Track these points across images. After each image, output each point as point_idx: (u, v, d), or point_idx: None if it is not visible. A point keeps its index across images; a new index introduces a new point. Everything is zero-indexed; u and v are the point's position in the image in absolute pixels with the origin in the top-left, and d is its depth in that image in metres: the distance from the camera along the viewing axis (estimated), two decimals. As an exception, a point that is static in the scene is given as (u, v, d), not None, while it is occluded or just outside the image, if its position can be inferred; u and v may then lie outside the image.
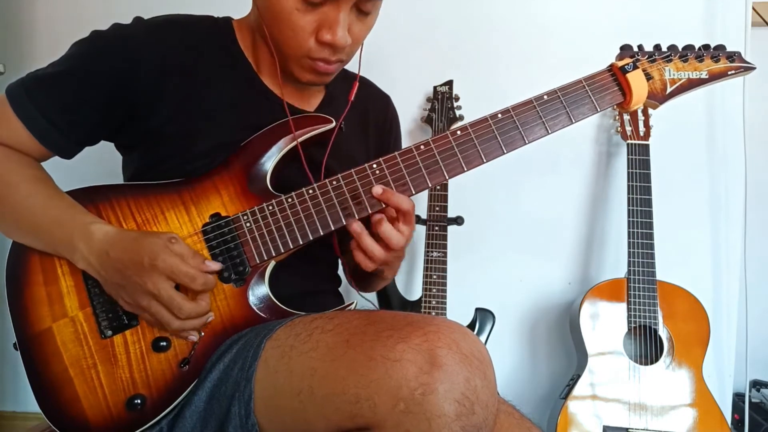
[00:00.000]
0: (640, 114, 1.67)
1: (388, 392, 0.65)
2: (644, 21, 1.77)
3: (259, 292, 0.92)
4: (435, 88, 1.72)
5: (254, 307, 0.90)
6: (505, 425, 0.88)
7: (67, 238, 0.85)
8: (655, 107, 1.00)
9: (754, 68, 1.00)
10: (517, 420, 0.91)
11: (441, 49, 1.83)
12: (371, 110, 1.20)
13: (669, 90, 0.99)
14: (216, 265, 0.86)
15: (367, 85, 1.22)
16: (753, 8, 1.75)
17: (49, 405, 0.85)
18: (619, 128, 1.67)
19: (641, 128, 1.65)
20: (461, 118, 1.68)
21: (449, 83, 1.71)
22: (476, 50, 1.82)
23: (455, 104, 1.69)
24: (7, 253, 0.92)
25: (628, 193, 1.60)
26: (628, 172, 1.62)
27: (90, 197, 0.92)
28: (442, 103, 1.69)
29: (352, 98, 1.07)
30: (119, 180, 1.06)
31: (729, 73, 0.99)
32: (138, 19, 0.99)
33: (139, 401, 0.84)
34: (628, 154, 1.63)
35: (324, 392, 0.71)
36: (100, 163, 1.18)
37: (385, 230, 0.91)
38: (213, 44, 1.01)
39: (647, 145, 1.63)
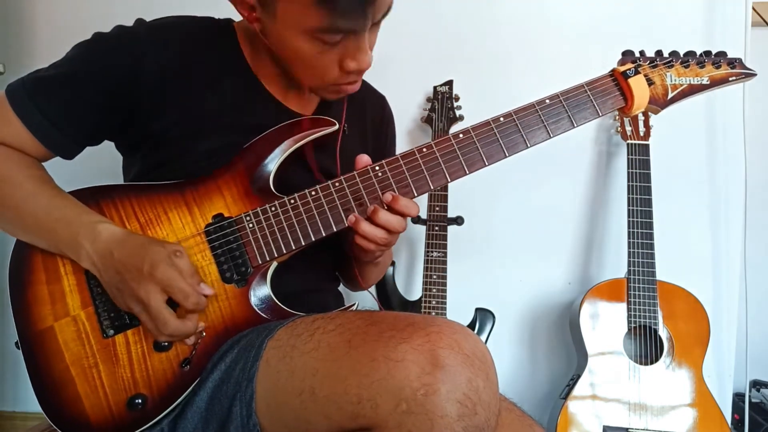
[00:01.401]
0: (640, 114, 1.67)
1: (390, 392, 0.66)
2: (645, 21, 1.77)
3: (260, 292, 0.92)
4: (435, 88, 1.72)
5: (256, 308, 0.90)
6: (506, 421, 0.89)
7: (73, 237, 0.85)
8: (656, 112, 1.01)
9: (755, 74, 1.01)
10: (518, 416, 0.92)
11: (441, 49, 1.83)
12: (368, 109, 1.20)
13: (670, 95, 0.99)
14: (209, 290, 0.86)
15: (363, 86, 1.22)
16: (753, 8, 1.75)
17: (50, 404, 0.85)
18: (619, 128, 1.67)
19: (641, 128, 1.65)
20: (461, 118, 1.68)
21: (449, 83, 1.71)
22: (476, 50, 1.82)
23: (455, 104, 1.69)
24: (10, 252, 0.92)
25: (628, 193, 1.60)
26: (628, 172, 1.62)
27: (93, 197, 0.92)
28: (442, 103, 1.69)
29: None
30: (119, 180, 1.06)
31: (730, 79, 1.00)
32: (140, 21, 0.99)
33: (140, 401, 0.84)
34: (628, 154, 1.63)
35: (326, 392, 0.71)
36: (102, 163, 1.18)
37: (383, 218, 0.91)
38: (214, 47, 1.01)
39: (647, 145, 1.63)
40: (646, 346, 1.54)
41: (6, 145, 0.93)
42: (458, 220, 1.65)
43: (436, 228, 1.61)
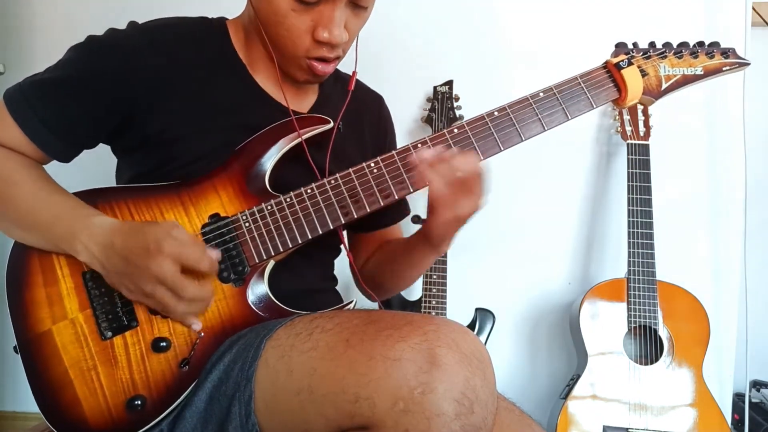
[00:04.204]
0: (640, 114, 1.67)
1: (387, 391, 0.65)
2: (644, 22, 1.77)
3: (258, 291, 0.92)
4: (435, 88, 1.72)
5: (254, 307, 0.90)
6: (506, 421, 0.88)
7: (69, 231, 0.85)
8: (650, 103, 1.00)
9: (749, 64, 1.00)
10: (517, 416, 0.91)
11: (441, 49, 1.83)
12: (365, 111, 1.20)
13: (664, 86, 0.99)
14: (216, 253, 0.86)
15: (359, 87, 1.22)
16: (753, 8, 1.76)
17: (49, 407, 0.85)
18: (619, 128, 1.67)
19: (641, 128, 1.65)
20: (461, 118, 1.68)
21: (449, 83, 1.71)
22: (476, 50, 1.82)
23: (455, 104, 1.69)
24: (8, 255, 0.92)
25: (628, 193, 1.60)
26: (628, 172, 1.62)
27: (90, 199, 0.92)
28: (442, 103, 1.69)
29: (351, 90, 1.07)
30: (112, 183, 1.06)
31: (724, 69, 0.99)
32: (132, 24, 0.99)
33: (139, 402, 0.84)
34: (628, 154, 1.63)
35: (323, 391, 0.71)
36: (98, 165, 1.18)
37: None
38: (207, 46, 1.01)
39: (647, 145, 1.63)
40: (646, 346, 1.54)
41: (5, 147, 0.93)
42: (458, 221, 1.64)
43: (436, 228, 1.60)
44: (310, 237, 0.92)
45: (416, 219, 1.63)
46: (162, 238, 0.80)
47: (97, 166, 1.15)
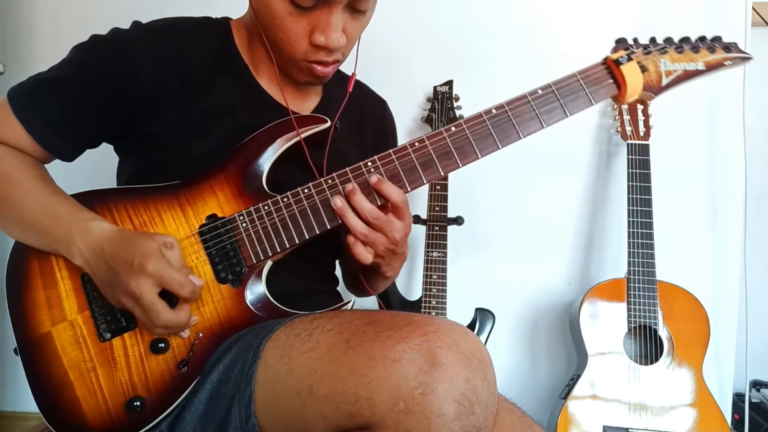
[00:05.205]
0: (640, 114, 1.67)
1: (387, 392, 0.65)
2: (643, 21, 1.77)
3: (256, 291, 0.91)
4: (435, 88, 1.72)
5: (252, 307, 0.90)
6: (507, 422, 0.88)
7: (66, 234, 0.85)
8: (651, 99, 0.99)
9: (751, 58, 0.99)
10: (518, 417, 0.91)
11: (441, 49, 1.83)
12: (367, 114, 1.20)
13: (665, 82, 0.98)
14: (198, 281, 0.85)
15: (363, 90, 1.22)
16: (753, 8, 1.75)
17: (49, 408, 0.85)
18: (619, 128, 1.67)
19: (641, 128, 1.65)
20: (461, 118, 1.68)
21: (449, 83, 1.71)
22: (476, 50, 1.82)
23: (455, 104, 1.69)
24: (8, 257, 0.92)
25: (628, 193, 1.60)
26: (628, 172, 1.62)
27: (88, 200, 0.92)
28: (442, 103, 1.69)
29: (350, 91, 1.07)
30: (112, 183, 1.06)
31: (726, 63, 0.98)
32: (136, 24, 1.00)
33: (138, 403, 0.84)
34: (628, 154, 1.63)
35: (324, 392, 0.71)
36: (99, 164, 1.18)
37: (357, 200, 0.90)
38: (210, 47, 1.01)
39: (647, 145, 1.63)
40: (646, 346, 1.54)
41: (7, 145, 0.94)
42: (458, 220, 1.65)
43: (436, 228, 1.61)
44: (307, 237, 0.92)
45: (416, 219, 1.63)
46: (148, 256, 0.79)
47: (97, 165, 1.15)
